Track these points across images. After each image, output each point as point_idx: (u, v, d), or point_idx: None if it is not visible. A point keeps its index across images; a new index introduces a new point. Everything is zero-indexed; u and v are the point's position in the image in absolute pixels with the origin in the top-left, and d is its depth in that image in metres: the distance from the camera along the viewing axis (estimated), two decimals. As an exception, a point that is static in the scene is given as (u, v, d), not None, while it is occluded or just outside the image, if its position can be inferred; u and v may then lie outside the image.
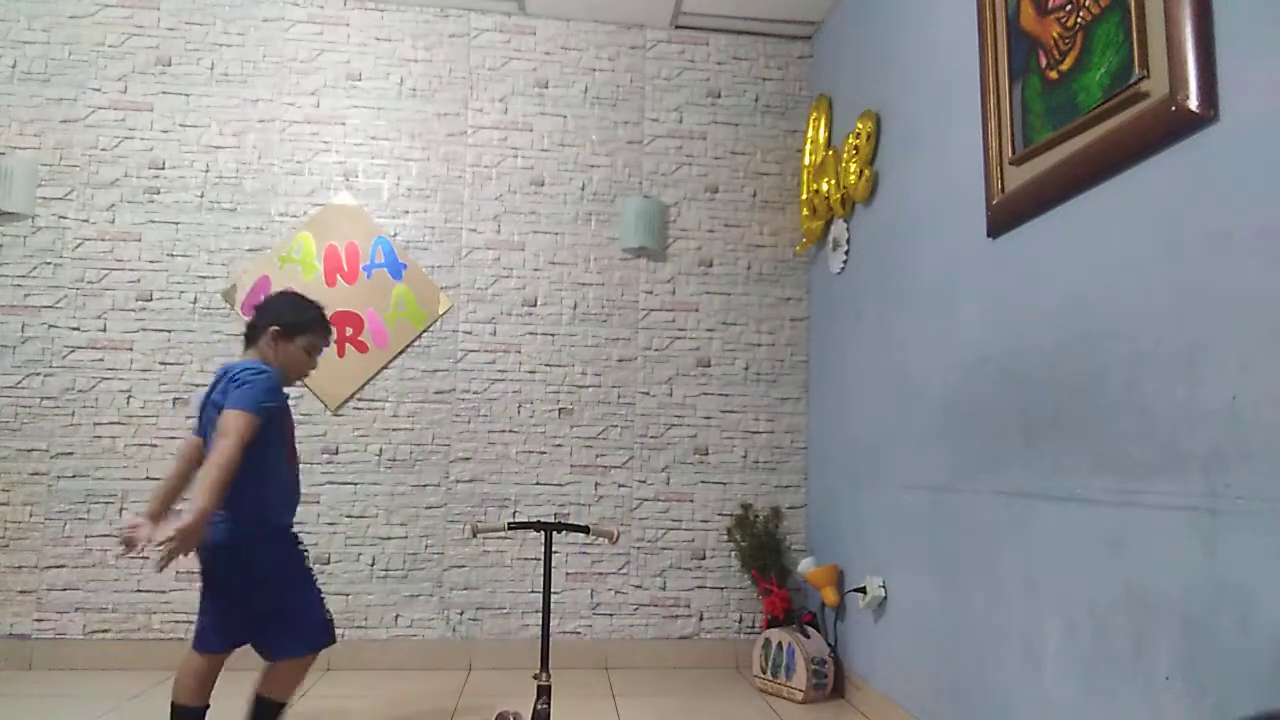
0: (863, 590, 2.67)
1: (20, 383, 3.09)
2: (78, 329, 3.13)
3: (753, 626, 3.31)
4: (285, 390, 2.06)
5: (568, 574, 3.23)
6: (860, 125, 2.84)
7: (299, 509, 3.19)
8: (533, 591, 3.17)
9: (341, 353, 3.24)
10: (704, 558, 3.34)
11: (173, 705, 1.97)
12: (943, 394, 2.29)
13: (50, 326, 3.12)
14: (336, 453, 3.20)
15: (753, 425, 3.42)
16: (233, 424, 1.84)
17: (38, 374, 3.10)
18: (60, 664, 2.98)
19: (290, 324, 2.08)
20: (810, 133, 3.32)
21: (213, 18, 3.30)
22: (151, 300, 3.18)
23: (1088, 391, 1.65)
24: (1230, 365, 1.31)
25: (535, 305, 3.36)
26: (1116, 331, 1.58)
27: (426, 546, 3.17)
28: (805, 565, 3.08)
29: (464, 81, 3.41)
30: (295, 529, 2.12)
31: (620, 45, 3.50)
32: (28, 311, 3.11)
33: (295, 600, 2.04)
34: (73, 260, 3.15)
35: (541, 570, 2.00)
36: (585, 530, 2.10)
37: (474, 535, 2.04)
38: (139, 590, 3.06)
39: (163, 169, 3.23)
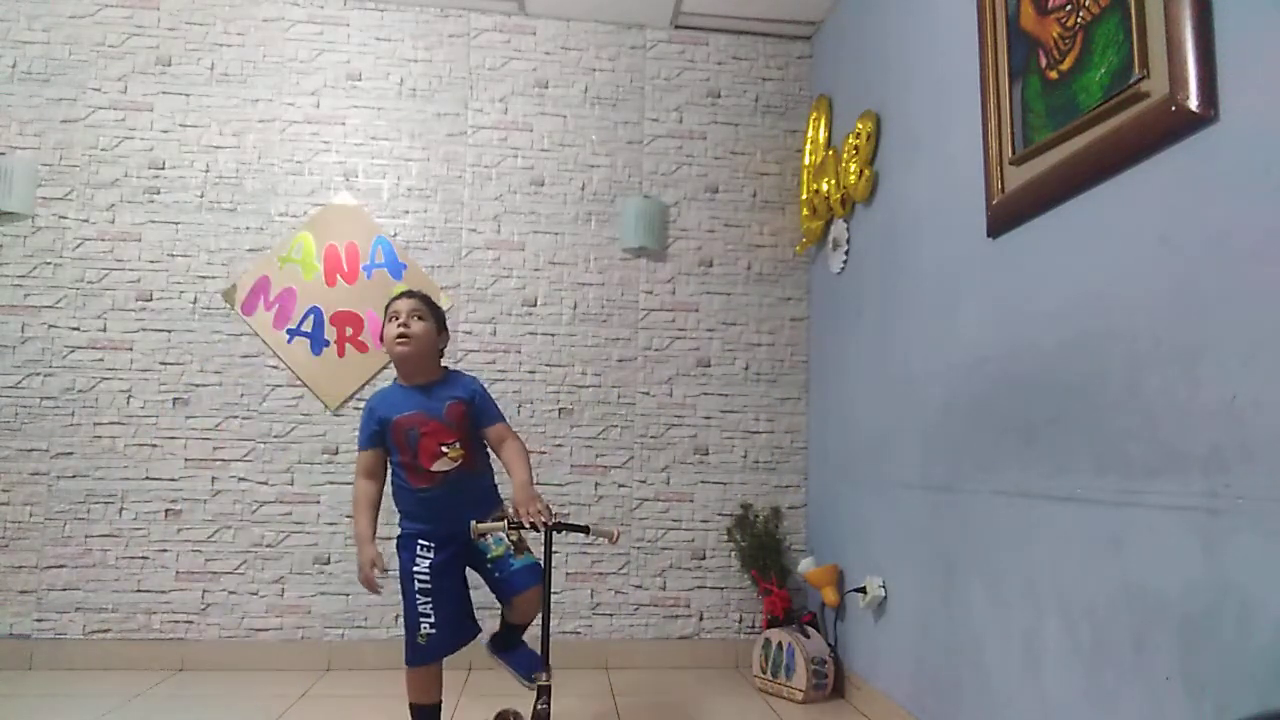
0: (863, 590, 2.67)
1: (20, 383, 3.09)
2: (78, 329, 3.13)
3: (753, 626, 3.31)
4: (385, 407, 2.15)
5: (568, 574, 3.23)
6: (860, 125, 2.84)
7: (302, 509, 3.19)
8: (533, 591, 3.17)
9: (341, 353, 3.24)
10: (704, 558, 3.34)
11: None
12: (943, 394, 2.29)
13: (50, 326, 3.12)
14: (336, 453, 3.20)
15: (753, 425, 3.42)
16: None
17: (38, 374, 3.10)
18: (60, 664, 2.98)
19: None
20: (810, 133, 3.32)
21: (213, 18, 3.30)
22: (151, 300, 3.18)
23: (1088, 391, 1.65)
24: (1230, 365, 1.31)
25: (535, 305, 3.36)
26: (1116, 331, 1.58)
27: (426, 546, 3.17)
28: (805, 565, 3.08)
29: (464, 81, 3.41)
30: (427, 536, 2.14)
31: (620, 45, 3.50)
32: (28, 311, 3.12)
33: (403, 607, 2.15)
34: (73, 260, 3.15)
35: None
36: (585, 530, 2.10)
37: (474, 536, 2.03)
38: (139, 590, 3.06)
39: (163, 169, 3.23)
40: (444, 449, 2.13)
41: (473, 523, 1.99)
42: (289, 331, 3.22)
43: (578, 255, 3.40)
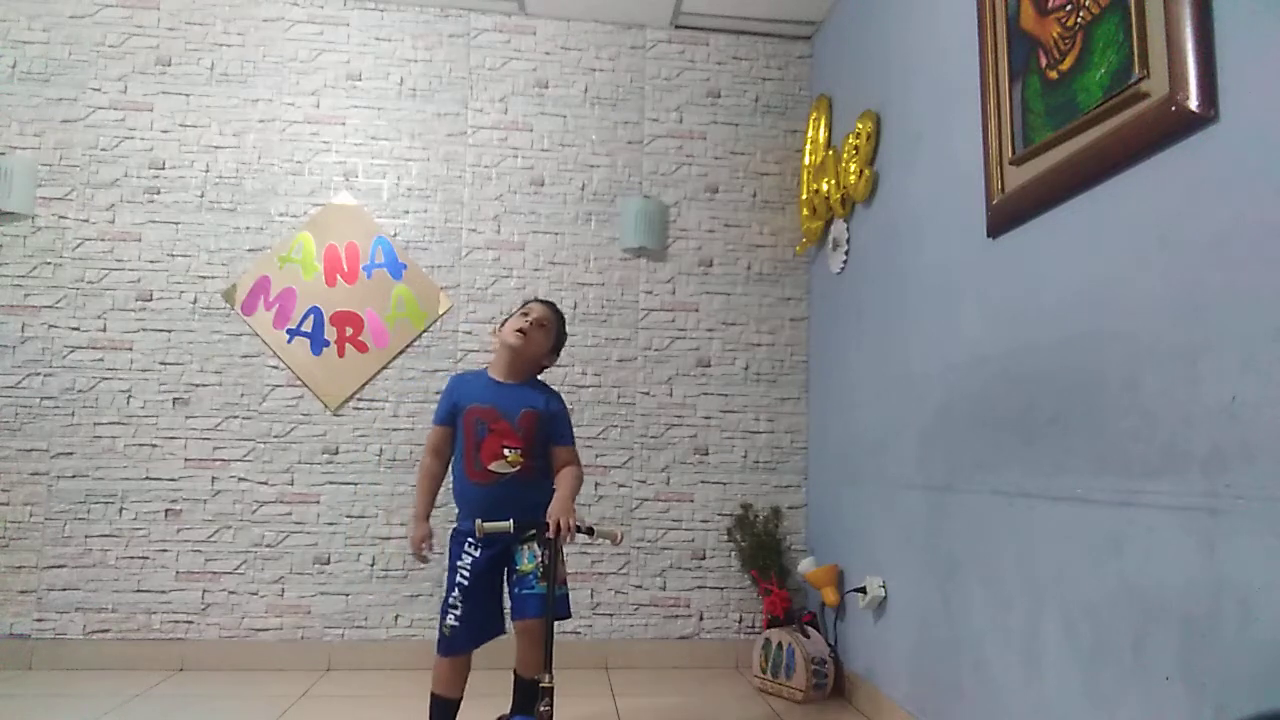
0: (863, 590, 2.67)
1: (20, 383, 3.09)
2: (78, 329, 3.13)
3: (753, 626, 3.31)
4: (462, 393, 2.19)
5: (568, 574, 3.23)
6: (860, 125, 2.84)
7: (302, 509, 3.19)
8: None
9: (342, 353, 3.24)
10: (704, 558, 3.34)
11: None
12: (943, 394, 2.29)
13: (50, 326, 3.12)
14: (336, 453, 3.20)
15: (753, 425, 3.42)
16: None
17: (38, 374, 3.10)
18: (60, 664, 2.98)
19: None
20: (810, 133, 3.32)
21: (213, 18, 3.30)
22: (151, 300, 3.18)
23: (1088, 391, 1.65)
24: (1230, 365, 1.31)
25: (535, 305, 3.36)
26: (1116, 331, 1.58)
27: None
28: (805, 565, 3.08)
29: (464, 81, 3.41)
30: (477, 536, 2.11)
31: (620, 45, 3.50)
32: (28, 311, 3.11)
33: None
34: (73, 260, 3.15)
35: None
36: (589, 531, 2.09)
37: (479, 533, 2.02)
38: (139, 590, 3.06)
39: (163, 169, 3.23)
40: (505, 451, 2.13)
41: (478, 521, 1.98)
42: (289, 331, 3.22)
43: (578, 255, 3.40)
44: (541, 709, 1.88)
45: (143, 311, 3.17)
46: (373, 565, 3.16)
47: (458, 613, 2.10)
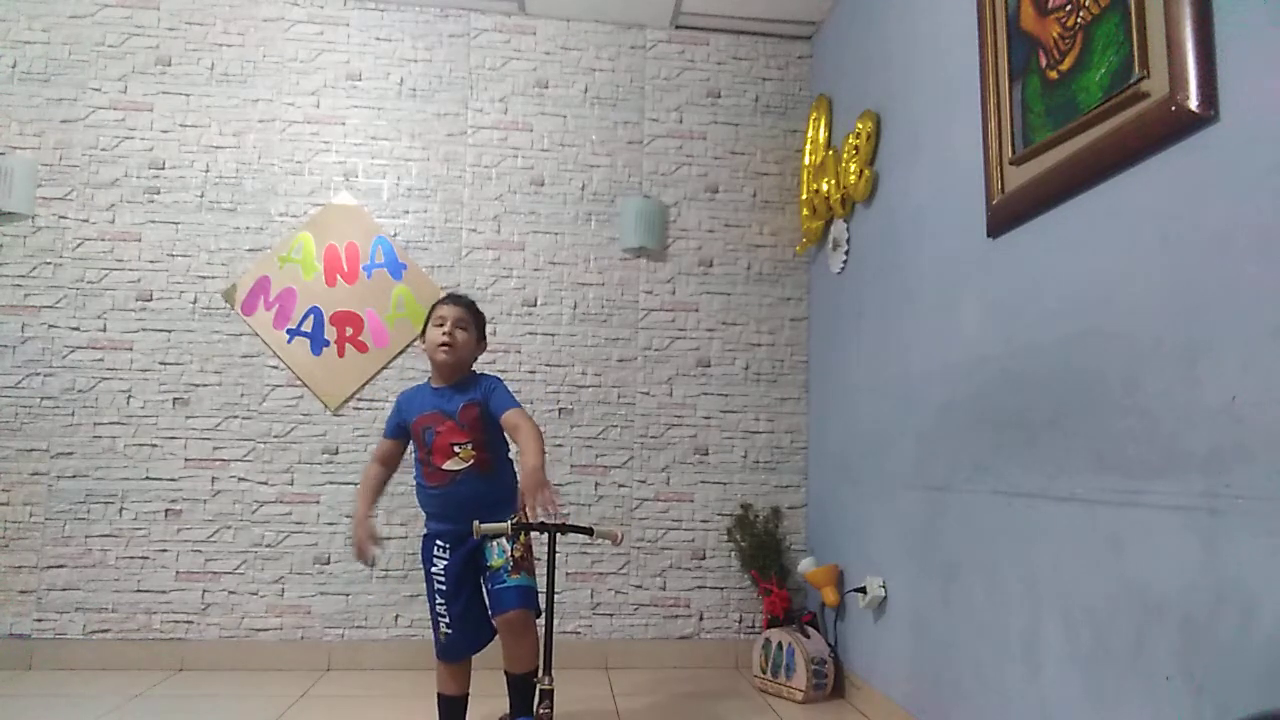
0: (863, 590, 2.67)
1: (20, 383, 3.09)
2: (78, 329, 3.13)
3: (753, 626, 3.31)
4: (411, 403, 2.24)
5: (568, 574, 3.23)
6: (860, 125, 2.84)
7: (302, 509, 3.19)
8: (533, 591, 3.16)
9: (341, 353, 3.24)
10: (704, 558, 3.34)
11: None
12: (943, 394, 2.29)
13: (50, 326, 3.12)
14: (336, 453, 3.20)
15: (753, 425, 3.42)
16: None
17: (38, 374, 3.10)
18: (60, 664, 2.98)
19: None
20: (810, 133, 3.32)
21: (213, 18, 3.30)
22: (151, 300, 3.18)
23: (1088, 391, 1.65)
24: (1230, 365, 1.31)
25: (535, 305, 3.36)
26: (1116, 331, 1.58)
27: (426, 546, 3.17)
28: (805, 565, 3.08)
29: (464, 81, 3.41)
30: (443, 536, 2.20)
31: (620, 45, 3.50)
32: (28, 311, 3.11)
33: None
34: (73, 260, 3.15)
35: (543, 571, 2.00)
36: (589, 532, 2.08)
37: (475, 535, 2.02)
38: (139, 590, 3.06)
39: (163, 169, 3.23)
40: (456, 449, 2.15)
41: (475, 523, 1.99)
42: (289, 331, 3.22)
43: (578, 255, 3.40)
44: (541, 711, 1.87)
45: (143, 311, 3.17)
46: (372, 565, 3.15)
47: (447, 620, 2.14)
